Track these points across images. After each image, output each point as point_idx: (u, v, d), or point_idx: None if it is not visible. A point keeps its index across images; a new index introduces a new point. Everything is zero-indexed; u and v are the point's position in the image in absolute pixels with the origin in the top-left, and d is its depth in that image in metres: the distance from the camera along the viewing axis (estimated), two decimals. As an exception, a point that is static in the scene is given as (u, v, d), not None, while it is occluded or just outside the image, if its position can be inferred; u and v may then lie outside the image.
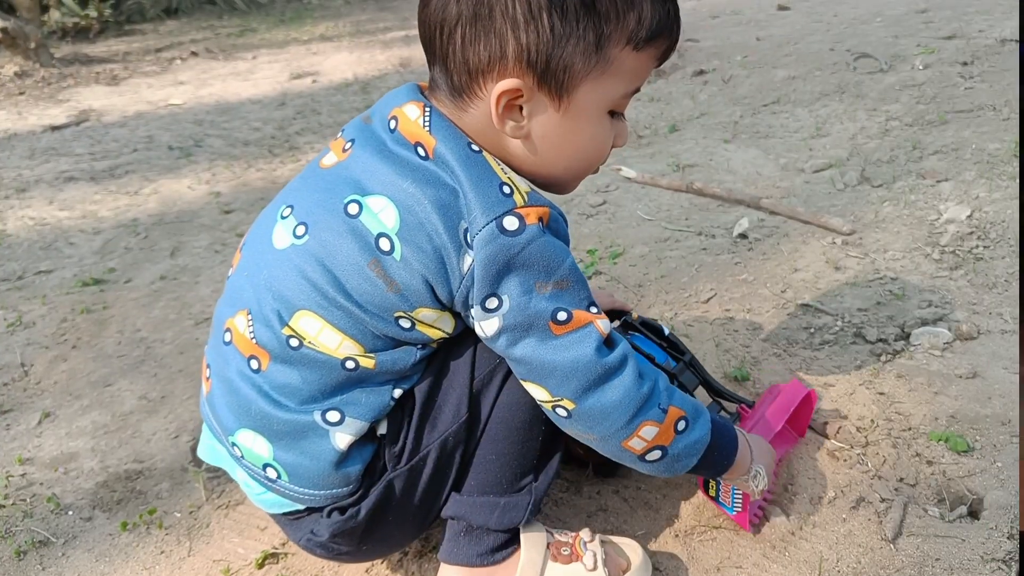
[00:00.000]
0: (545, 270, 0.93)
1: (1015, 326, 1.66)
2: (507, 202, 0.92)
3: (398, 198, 0.94)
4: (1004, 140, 2.51)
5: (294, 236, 1.00)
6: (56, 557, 1.37)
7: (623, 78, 0.96)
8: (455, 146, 0.95)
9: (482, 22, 0.90)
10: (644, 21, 0.93)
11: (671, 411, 1.01)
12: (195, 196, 3.14)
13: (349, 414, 1.01)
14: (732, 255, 2.12)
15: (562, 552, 1.15)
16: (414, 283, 0.95)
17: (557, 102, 0.95)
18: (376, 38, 6.42)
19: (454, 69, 0.95)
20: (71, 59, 6.37)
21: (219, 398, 1.07)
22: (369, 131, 1.02)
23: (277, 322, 0.99)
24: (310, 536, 1.08)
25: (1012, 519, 1.20)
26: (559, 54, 0.91)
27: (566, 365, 0.95)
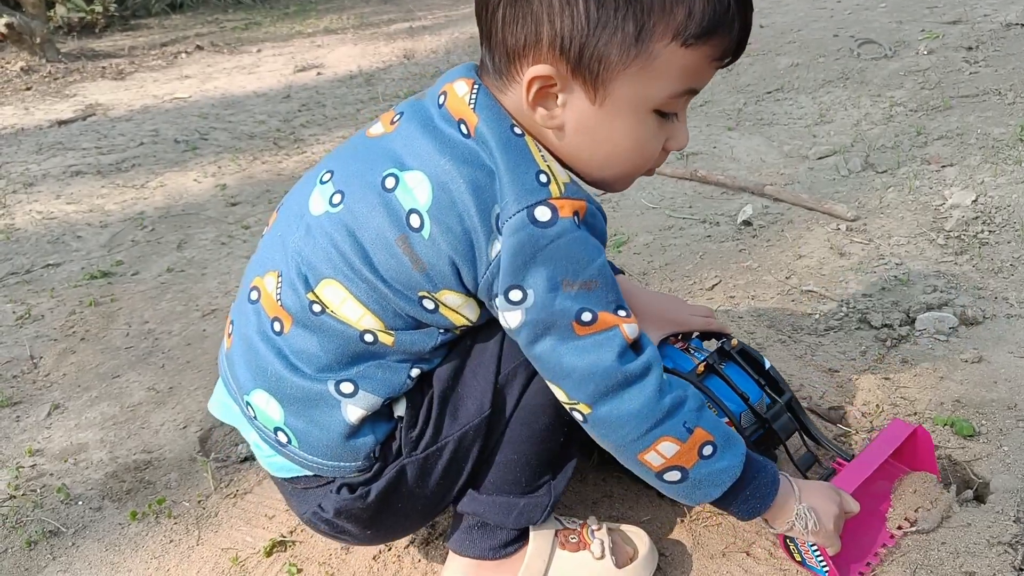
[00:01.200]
0: (573, 267, 0.91)
1: (1021, 310, 1.65)
2: (541, 191, 0.90)
3: (434, 175, 0.93)
4: (1009, 125, 2.49)
5: (329, 204, 0.99)
6: (66, 547, 1.38)
7: (670, 77, 0.90)
8: (497, 127, 0.93)
9: (521, 3, 0.88)
10: (695, 15, 0.86)
11: (697, 432, 0.96)
12: (201, 189, 3.15)
13: (363, 387, 1.00)
14: (736, 242, 2.12)
15: (570, 540, 1.15)
16: (440, 263, 0.93)
17: (593, 93, 0.91)
18: (380, 30, 6.41)
19: (495, 48, 0.93)
20: (77, 54, 6.38)
21: (238, 356, 1.06)
22: (419, 105, 1.00)
23: (303, 287, 0.99)
24: (316, 510, 1.07)
25: (1018, 503, 1.20)
26: (593, 43, 0.87)
27: (584, 368, 0.92)
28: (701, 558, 1.20)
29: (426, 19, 6.68)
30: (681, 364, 1.22)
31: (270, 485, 1.46)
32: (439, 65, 4.87)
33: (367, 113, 4.01)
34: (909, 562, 1.14)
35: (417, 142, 0.95)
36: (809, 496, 1.06)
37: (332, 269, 0.97)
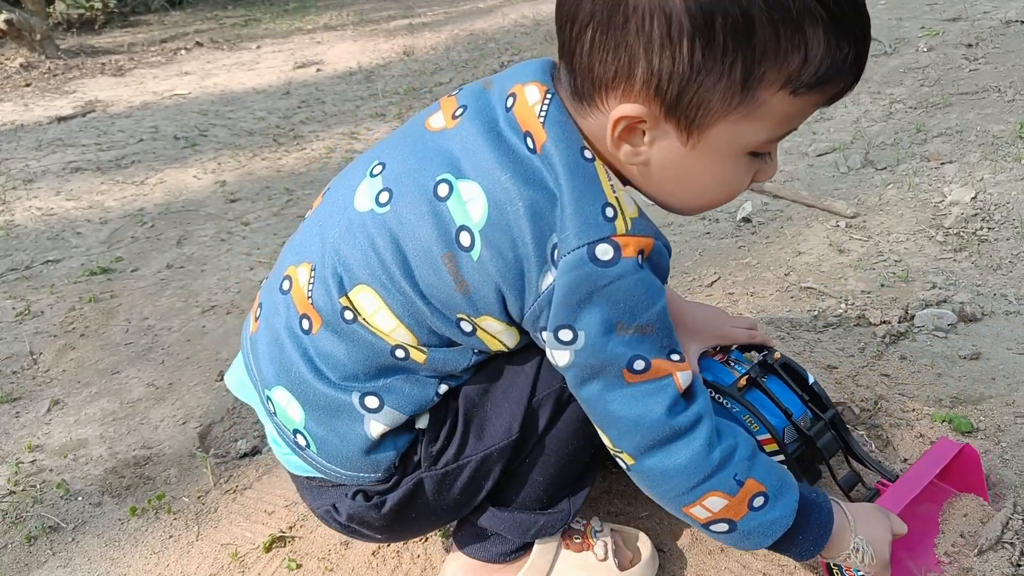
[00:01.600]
0: (630, 310, 0.84)
1: (1019, 307, 1.66)
2: (606, 227, 0.82)
3: (491, 190, 0.85)
4: (1008, 122, 2.50)
5: (376, 202, 0.92)
6: (66, 542, 1.39)
7: (773, 123, 0.83)
8: (566, 148, 0.85)
9: (614, 31, 0.78)
10: (811, 64, 0.77)
11: (748, 484, 0.90)
12: (201, 186, 3.15)
13: (389, 403, 0.95)
14: (736, 239, 2.12)
15: (573, 540, 1.15)
16: (485, 289, 0.87)
17: (685, 136, 0.82)
18: (380, 27, 6.41)
19: (578, 70, 0.83)
20: (76, 50, 6.38)
21: (263, 346, 1.02)
22: (485, 101, 0.92)
23: (336, 289, 0.93)
24: (330, 510, 1.05)
25: (1015, 498, 1.20)
26: (694, 88, 0.78)
27: (630, 419, 0.87)
28: (699, 554, 1.21)
29: (426, 16, 6.68)
30: (722, 377, 1.16)
31: (269, 481, 1.46)
32: (439, 62, 4.87)
33: (367, 110, 4.01)
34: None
35: (477, 147, 0.87)
36: (863, 526, 0.99)
37: (369, 275, 0.91)
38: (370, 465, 0.99)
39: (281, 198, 2.92)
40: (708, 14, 0.74)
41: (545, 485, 1.06)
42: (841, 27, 0.77)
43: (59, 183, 3.32)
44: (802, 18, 0.75)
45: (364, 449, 0.97)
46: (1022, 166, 2.22)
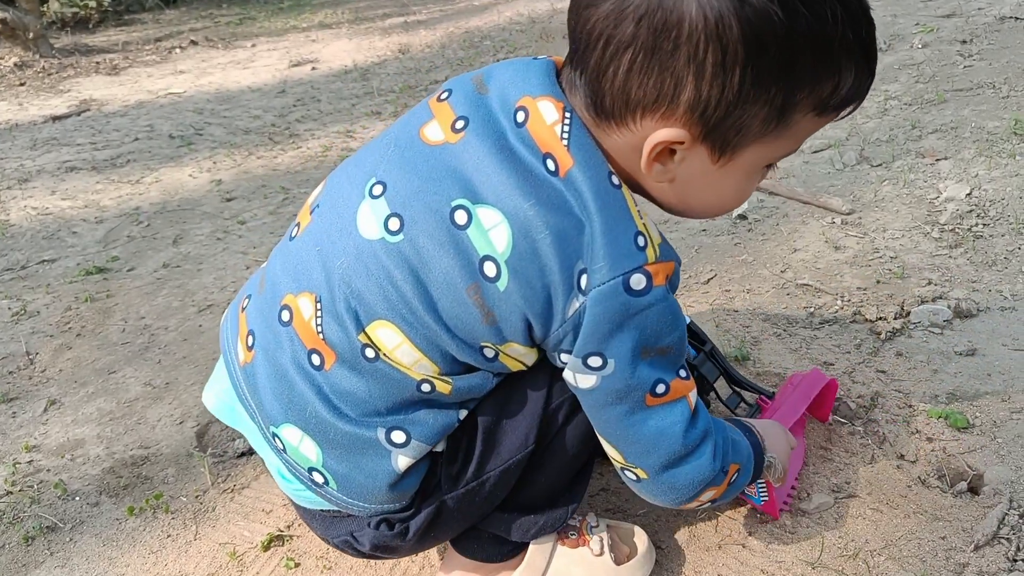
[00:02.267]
0: (656, 335, 0.86)
1: (1015, 303, 1.66)
2: (639, 257, 0.83)
3: (514, 218, 0.83)
4: (1003, 118, 2.50)
5: (386, 229, 0.87)
6: (64, 542, 1.39)
7: (796, 140, 0.87)
8: (594, 176, 0.83)
9: (660, 56, 0.77)
10: (841, 90, 0.82)
11: (730, 470, 0.97)
12: (197, 184, 3.15)
13: (415, 436, 0.93)
14: (732, 236, 2.13)
15: (569, 536, 1.16)
16: (512, 318, 0.86)
17: (716, 156, 0.84)
18: (375, 25, 6.40)
19: (608, 90, 0.82)
20: (71, 49, 6.37)
21: (265, 380, 0.96)
22: (486, 111, 0.88)
23: (352, 325, 0.89)
24: (349, 539, 1.03)
25: (1012, 494, 1.21)
26: (738, 114, 0.80)
27: (649, 440, 0.90)
28: (697, 551, 1.21)
29: (421, 14, 6.67)
30: None
31: (267, 480, 1.46)
32: (434, 60, 4.86)
33: (362, 108, 4.01)
34: (900, 554, 1.14)
35: (491, 169, 0.84)
36: (770, 442, 1.10)
37: (389, 310, 0.88)
38: (396, 496, 0.97)
39: (277, 196, 2.92)
40: (763, 45, 0.75)
41: (546, 486, 1.07)
42: (867, 59, 0.82)
43: (54, 182, 3.31)
44: (840, 52, 0.79)
45: (390, 484, 0.95)
46: (1017, 162, 2.22)
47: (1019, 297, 1.68)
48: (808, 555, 1.17)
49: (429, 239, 0.85)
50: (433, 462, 0.99)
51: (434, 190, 0.86)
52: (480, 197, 0.84)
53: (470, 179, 0.85)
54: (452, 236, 0.85)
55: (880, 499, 1.24)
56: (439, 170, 0.87)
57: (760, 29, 0.75)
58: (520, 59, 0.92)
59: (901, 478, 1.27)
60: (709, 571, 1.17)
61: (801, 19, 0.75)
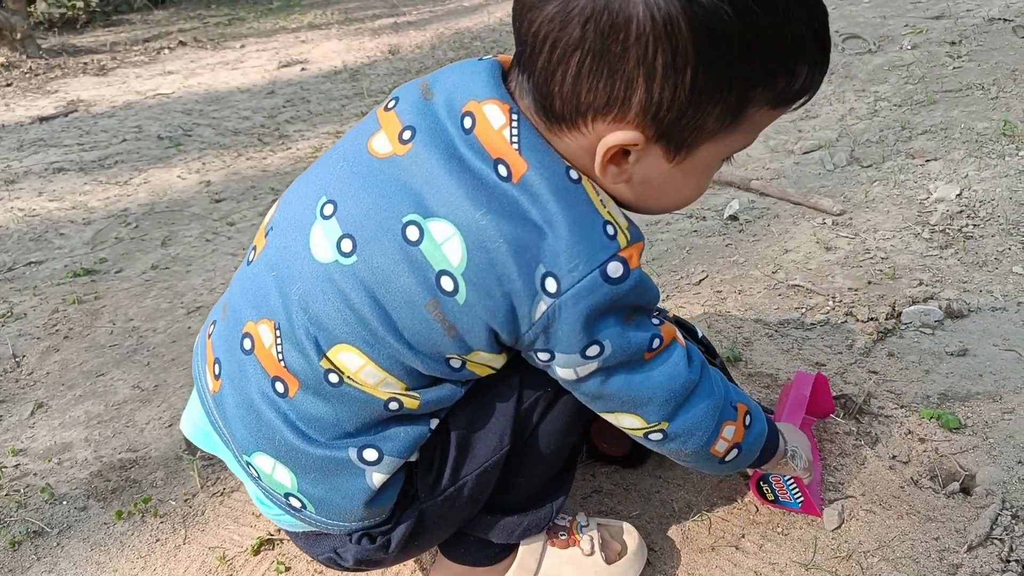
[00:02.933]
0: (635, 307, 0.87)
1: (1005, 303, 1.66)
2: (611, 245, 0.82)
3: (467, 229, 0.81)
4: (992, 119, 2.51)
5: (339, 251, 0.86)
6: (51, 547, 1.37)
7: (751, 133, 0.86)
8: (551, 176, 0.82)
9: (609, 59, 0.75)
10: (795, 83, 0.81)
11: (739, 407, 0.99)
12: (185, 186, 3.13)
13: (387, 452, 0.93)
14: (723, 237, 2.12)
15: (559, 536, 1.15)
16: (476, 329, 0.85)
17: (672, 155, 0.83)
18: (365, 26, 6.38)
19: (557, 94, 0.80)
20: (58, 50, 6.33)
21: (233, 408, 0.96)
22: (433, 119, 0.86)
23: (313, 351, 0.88)
24: (333, 556, 1.03)
25: (1004, 494, 1.21)
26: (692, 114, 0.78)
27: (663, 389, 0.91)
28: (690, 552, 1.20)
29: (411, 15, 6.66)
30: None
31: (257, 483, 1.45)
32: (424, 61, 4.85)
33: (352, 109, 4.00)
34: (894, 555, 1.14)
35: (441, 181, 0.82)
36: (789, 435, 1.14)
37: (348, 333, 0.86)
38: (374, 512, 0.97)
39: (267, 198, 2.90)
40: (714, 44, 0.74)
41: (528, 486, 1.06)
42: (821, 50, 0.81)
43: (42, 184, 3.29)
44: (794, 47, 0.78)
45: (367, 501, 0.95)
46: (1006, 163, 2.23)
47: (1009, 297, 1.68)
48: (801, 556, 1.16)
49: (384, 258, 0.84)
50: (409, 472, 0.99)
51: (384, 207, 0.85)
52: (431, 211, 0.82)
53: (420, 192, 0.83)
54: (406, 253, 0.83)
55: (873, 500, 1.24)
56: (388, 185, 0.85)
57: (710, 28, 0.73)
58: (466, 61, 0.91)
59: (894, 479, 1.27)
60: (702, 573, 1.17)
61: (752, 16, 0.73)
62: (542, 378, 0.95)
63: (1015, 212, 1.99)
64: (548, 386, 0.97)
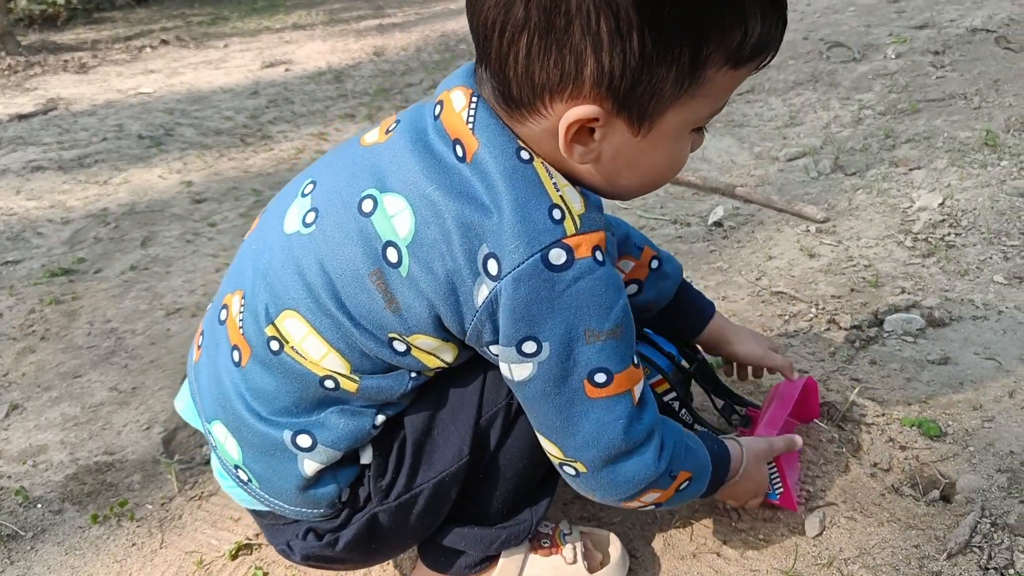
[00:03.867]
0: (596, 313, 0.82)
1: (986, 312, 1.67)
2: (555, 230, 0.80)
3: (417, 204, 0.83)
4: (975, 129, 2.53)
5: (303, 223, 0.90)
6: (25, 551, 1.35)
7: (716, 97, 0.83)
8: (500, 155, 0.82)
9: (556, 34, 0.75)
10: (751, 37, 0.78)
11: (679, 475, 0.95)
12: (166, 186, 3.11)
13: (321, 440, 0.93)
14: (707, 243, 2.13)
15: (542, 544, 1.14)
16: (417, 306, 0.85)
17: (636, 128, 0.81)
18: (350, 27, 6.37)
19: (513, 79, 0.80)
20: (38, 47, 6.27)
21: (204, 377, 1.00)
22: (418, 113, 0.90)
23: (264, 318, 0.91)
24: (284, 548, 1.03)
25: (983, 502, 1.21)
26: (647, 80, 0.77)
27: (589, 434, 0.87)
28: (672, 559, 1.20)
29: (396, 16, 6.65)
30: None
31: (236, 487, 1.43)
32: (409, 63, 4.84)
33: (336, 110, 3.98)
34: (874, 563, 1.14)
35: (404, 160, 0.86)
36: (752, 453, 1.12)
37: (294, 299, 0.89)
38: (310, 502, 0.97)
39: (248, 199, 2.88)
40: (656, 5, 0.72)
41: (503, 499, 1.05)
42: (772, 3, 0.79)
43: (19, 182, 3.25)
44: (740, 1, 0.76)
45: (300, 487, 0.95)
46: (988, 172, 2.25)
47: (991, 306, 1.69)
48: (782, 563, 1.16)
49: (336, 228, 0.87)
50: (361, 474, 0.99)
51: (350, 184, 0.89)
52: (388, 186, 0.86)
53: (384, 171, 0.87)
54: (358, 224, 0.86)
55: (854, 507, 1.24)
56: (361, 167, 0.90)
57: None
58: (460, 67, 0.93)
59: (875, 486, 1.27)
60: (684, 580, 1.17)
61: None
62: (501, 389, 0.95)
63: (997, 221, 2.00)
64: (510, 397, 0.96)
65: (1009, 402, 1.41)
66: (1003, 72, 2.94)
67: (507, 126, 0.84)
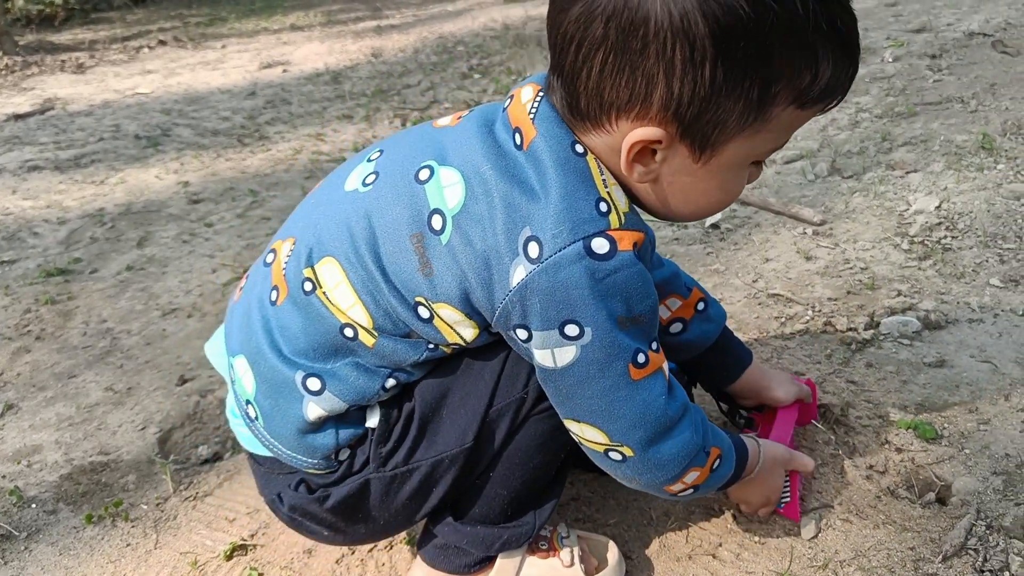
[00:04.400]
0: (627, 304, 0.85)
1: (982, 315, 1.67)
2: (600, 221, 0.84)
3: (470, 179, 0.87)
4: (971, 132, 2.53)
5: (362, 183, 0.96)
6: (19, 551, 1.35)
7: (779, 134, 0.86)
8: (556, 145, 0.86)
9: (631, 56, 0.78)
10: (820, 80, 0.81)
11: (712, 452, 0.98)
12: (163, 186, 3.10)
13: (330, 388, 0.95)
14: (704, 245, 2.13)
15: (540, 546, 1.14)
16: (448, 275, 0.88)
17: (698, 155, 0.85)
18: (348, 28, 6.37)
19: (582, 93, 0.84)
20: (36, 47, 6.27)
21: (239, 315, 1.04)
22: (491, 106, 0.96)
23: (305, 260, 0.95)
24: (275, 499, 1.05)
25: (979, 505, 1.21)
26: (713, 110, 0.80)
27: (636, 413, 0.89)
28: (667, 560, 1.20)
29: (394, 18, 6.65)
30: None
31: (231, 488, 1.43)
32: (407, 64, 4.84)
33: (333, 111, 3.98)
34: (869, 565, 1.14)
35: (467, 140, 0.91)
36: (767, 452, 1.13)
37: (337, 248, 0.93)
38: (306, 448, 0.98)
39: (245, 199, 2.88)
40: (731, 39, 0.75)
41: (508, 499, 1.05)
42: (845, 48, 0.81)
43: (16, 182, 3.24)
44: (815, 41, 0.79)
45: (300, 430, 0.97)
46: (985, 176, 2.25)
47: (987, 309, 1.69)
48: (778, 565, 1.16)
49: (390, 190, 0.92)
50: (364, 437, 1.00)
51: (412, 155, 0.94)
52: (447, 160, 0.90)
53: (446, 148, 0.92)
54: (411, 189, 0.90)
55: (850, 509, 1.24)
56: (426, 142, 0.95)
57: (727, 24, 0.75)
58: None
59: (871, 488, 1.27)
60: (680, 582, 1.16)
61: (769, 11, 0.75)
62: (517, 383, 0.96)
63: (993, 224, 2.00)
64: (525, 391, 0.97)
65: (1005, 405, 1.41)
66: (1000, 76, 2.95)
67: (564, 121, 0.88)
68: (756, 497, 1.16)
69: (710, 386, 1.36)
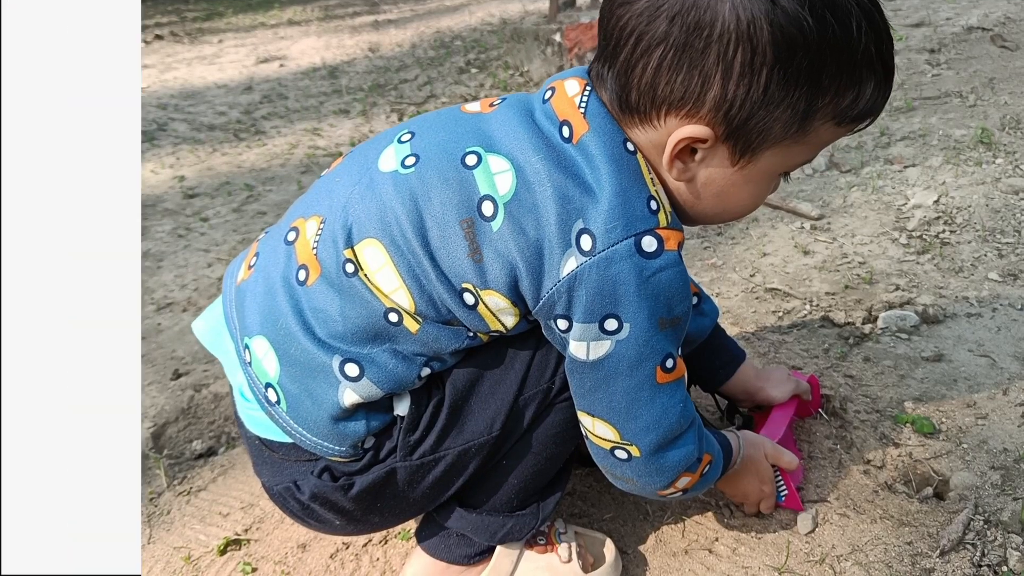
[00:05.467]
0: (668, 304, 0.87)
1: (980, 309, 1.67)
2: (651, 219, 0.85)
3: (521, 168, 0.87)
4: (969, 127, 2.52)
5: (401, 164, 0.92)
6: (11, 546, 1.34)
7: (814, 148, 0.89)
8: (609, 141, 0.87)
9: (691, 54, 0.80)
10: (860, 101, 0.85)
11: (704, 458, 0.99)
12: (158, 180, 3.09)
13: (368, 375, 0.92)
14: (701, 239, 2.12)
15: (538, 541, 1.14)
16: (498, 262, 0.87)
17: (737, 157, 0.87)
18: (345, 23, 6.35)
19: (635, 86, 0.85)
20: (32, 42, 6.25)
21: (253, 294, 0.98)
22: (524, 97, 0.96)
23: (343, 241, 0.91)
24: (291, 487, 1.00)
25: (977, 500, 1.21)
26: (762, 116, 0.82)
27: (654, 416, 0.91)
28: (663, 555, 1.19)
29: (392, 12, 6.64)
30: None
31: (225, 482, 1.42)
32: (404, 59, 4.83)
33: (330, 106, 3.97)
34: (867, 560, 1.14)
35: (512, 128, 0.90)
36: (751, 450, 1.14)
37: (380, 230, 0.90)
38: (336, 435, 0.95)
39: (241, 194, 2.87)
40: (791, 49, 0.78)
41: (518, 488, 1.05)
42: (887, 73, 0.86)
43: (11, 176, 3.23)
44: (863, 64, 0.82)
45: (333, 416, 0.94)
46: (983, 170, 2.24)
47: (985, 303, 1.68)
48: (775, 560, 1.16)
49: (436, 174, 0.89)
50: (392, 426, 0.98)
51: (454, 139, 0.92)
52: (494, 147, 0.89)
53: (491, 135, 0.91)
54: (459, 174, 0.89)
55: (847, 504, 1.23)
56: (465, 128, 0.93)
57: (790, 34, 0.78)
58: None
59: (868, 483, 1.27)
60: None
61: (829, 28, 0.78)
62: (546, 372, 0.97)
63: (991, 219, 1.99)
64: (552, 381, 0.98)
65: (1003, 399, 1.41)
66: (998, 70, 2.94)
67: (614, 119, 0.89)
68: (749, 489, 1.16)
69: (704, 386, 1.36)
